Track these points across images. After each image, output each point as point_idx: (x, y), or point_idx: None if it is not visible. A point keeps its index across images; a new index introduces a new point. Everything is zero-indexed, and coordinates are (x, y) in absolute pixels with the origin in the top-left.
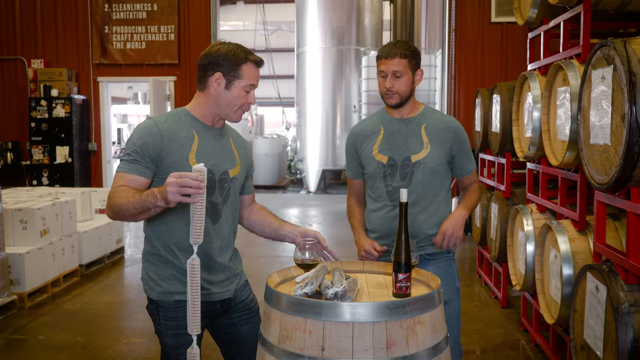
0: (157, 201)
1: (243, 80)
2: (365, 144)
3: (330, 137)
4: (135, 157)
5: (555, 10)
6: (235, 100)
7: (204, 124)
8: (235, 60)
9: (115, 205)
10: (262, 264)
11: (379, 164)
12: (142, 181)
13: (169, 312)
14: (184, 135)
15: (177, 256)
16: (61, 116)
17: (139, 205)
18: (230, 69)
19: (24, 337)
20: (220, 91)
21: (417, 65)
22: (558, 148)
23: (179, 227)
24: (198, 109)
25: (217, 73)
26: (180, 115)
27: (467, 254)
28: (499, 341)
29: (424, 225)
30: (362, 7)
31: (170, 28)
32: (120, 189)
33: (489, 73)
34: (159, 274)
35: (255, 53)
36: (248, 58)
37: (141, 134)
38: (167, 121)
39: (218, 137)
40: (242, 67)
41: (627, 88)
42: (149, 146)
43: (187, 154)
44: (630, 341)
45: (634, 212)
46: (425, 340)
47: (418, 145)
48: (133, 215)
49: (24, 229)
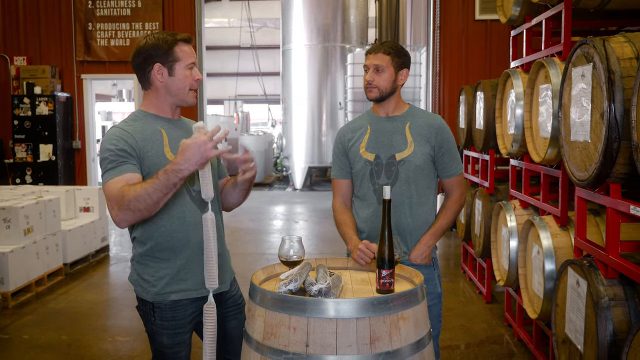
0: (183, 172)
1: (182, 61)
2: (353, 141)
3: (316, 134)
4: (120, 159)
5: (537, 9)
6: (184, 82)
7: (165, 118)
8: (166, 46)
9: (132, 201)
10: (248, 261)
11: (366, 162)
12: (138, 177)
13: (166, 312)
14: (152, 133)
15: (171, 255)
16: (45, 114)
17: (162, 186)
18: (166, 56)
19: (8, 336)
20: (166, 80)
21: (401, 65)
22: (540, 145)
23: (171, 225)
24: (153, 107)
25: (156, 65)
26: (140, 116)
27: (452, 250)
28: (483, 336)
29: (409, 225)
30: (347, 4)
31: (155, 25)
32: (124, 188)
33: (473, 70)
34: (154, 275)
35: (242, 49)
36: (176, 39)
37: (115, 139)
38: (131, 125)
39: (182, 127)
40: (175, 49)
41: (606, 86)
42: (127, 147)
43: (162, 149)
44: (610, 335)
45: (613, 208)
46: (408, 336)
47: (402, 144)
48: (156, 202)
49: (7, 227)
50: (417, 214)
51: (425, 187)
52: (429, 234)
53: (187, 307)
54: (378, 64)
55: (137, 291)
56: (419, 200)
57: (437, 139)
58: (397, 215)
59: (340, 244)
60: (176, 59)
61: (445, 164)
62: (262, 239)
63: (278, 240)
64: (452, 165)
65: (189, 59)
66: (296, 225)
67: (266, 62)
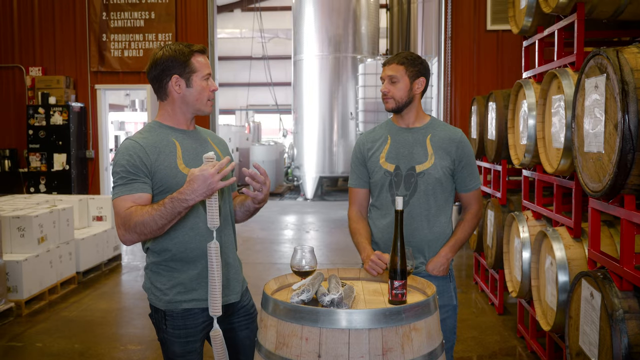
0: (189, 202)
1: (199, 73)
2: (373, 151)
3: (327, 144)
4: (130, 177)
5: (550, 19)
6: (201, 94)
7: (179, 129)
8: (183, 57)
9: (137, 225)
10: (259, 271)
11: (385, 172)
12: (146, 197)
13: (177, 320)
14: (166, 145)
15: (184, 265)
16: (59, 124)
17: (168, 214)
18: (183, 68)
19: (22, 344)
20: (184, 91)
21: (417, 74)
22: (553, 155)
23: (184, 236)
24: (169, 118)
25: (174, 76)
26: (155, 128)
27: (464, 261)
28: (495, 348)
29: (427, 236)
30: (358, 14)
31: (168, 36)
32: (131, 210)
33: (485, 80)
34: (166, 284)
35: (253, 60)
36: (192, 50)
37: (127, 154)
38: (145, 137)
39: (196, 139)
40: (192, 60)
41: (620, 97)
42: (139, 162)
43: (175, 161)
44: (625, 348)
45: (628, 220)
46: (420, 347)
47: (423, 156)
48: (161, 228)
49: (22, 236)
50: (434, 226)
51: (443, 199)
52: (448, 247)
53: (198, 315)
54: (392, 74)
55: (150, 299)
56: (437, 212)
57: (458, 153)
58: (414, 227)
59: (352, 254)
60: (193, 70)
61: (464, 178)
62: (273, 249)
63: (289, 250)
64: (471, 179)
65: (206, 69)
66: (307, 235)
67: (278, 73)
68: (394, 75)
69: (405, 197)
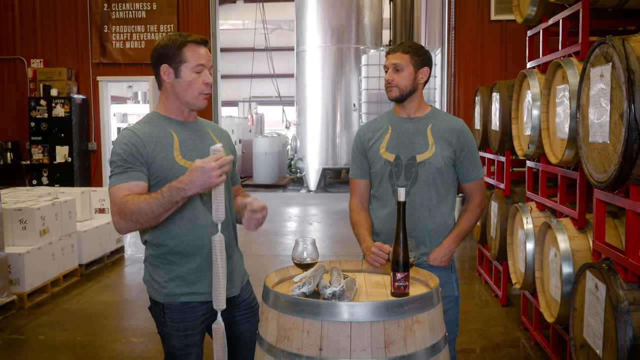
0: (186, 192)
1: (189, 63)
2: (373, 141)
3: (331, 136)
4: (127, 165)
5: (554, 8)
6: (190, 85)
7: (177, 120)
8: (174, 46)
9: (133, 213)
10: (261, 263)
11: (386, 162)
12: (143, 186)
13: (176, 313)
14: (162, 136)
15: (182, 258)
16: (61, 116)
17: (165, 202)
18: (173, 57)
19: (24, 337)
20: (172, 82)
21: (421, 63)
22: (557, 146)
23: (182, 229)
24: (165, 108)
25: (164, 65)
26: (153, 118)
27: (467, 252)
28: (499, 339)
29: (428, 227)
30: (361, 5)
31: (170, 27)
32: (128, 197)
33: (489, 71)
34: (164, 277)
35: (256, 51)
36: (187, 40)
37: (123, 143)
38: (143, 127)
39: (195, 130)
40: (184, 50)
41: (626, 86)
42: (135, 152)
43: (172, 152)
44: (630, 340)
45: (633, 211)
46: (423, 340)
47: (424, 145)
48: (157, 216)
49: (24, 228)
50: (435, 216)
51: (444, 189)
52: (451, 238)
53: (197, 309)
54: (397, 62)
55: (150, 292)
56: (438, 202)
57: (459, 142)
58: (415, 217)
59: (355, 246)
60: (183, 61)
61: (466, 168)
62: (276, 241)
63: (292, 242)
64: (473, 169)
65: (197, 60)
66: (310, 226)
67: (280, 64)
68: (398, 64)
69: (405, 187)
